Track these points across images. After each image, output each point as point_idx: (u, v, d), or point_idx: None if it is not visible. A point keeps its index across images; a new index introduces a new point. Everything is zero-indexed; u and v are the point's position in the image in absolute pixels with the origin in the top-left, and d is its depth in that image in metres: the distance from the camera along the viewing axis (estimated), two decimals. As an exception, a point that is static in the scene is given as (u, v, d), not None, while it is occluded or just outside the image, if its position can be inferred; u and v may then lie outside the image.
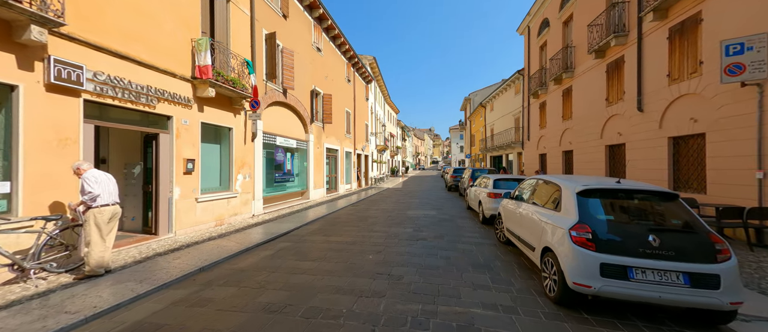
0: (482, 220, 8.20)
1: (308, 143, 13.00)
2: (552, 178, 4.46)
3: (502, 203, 6.21)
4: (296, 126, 12.20)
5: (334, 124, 15.94)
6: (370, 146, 25.33)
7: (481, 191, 8.72)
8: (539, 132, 16.81)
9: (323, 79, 14.67)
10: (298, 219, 8.65)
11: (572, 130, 13.07)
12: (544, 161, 16.60)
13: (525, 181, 5.59)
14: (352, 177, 19.44)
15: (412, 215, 9.59)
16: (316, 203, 12.22)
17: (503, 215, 5.97)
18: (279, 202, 11.05)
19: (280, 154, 10.88)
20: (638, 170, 8.99)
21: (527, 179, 5.53)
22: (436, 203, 12.71)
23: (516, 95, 21.04)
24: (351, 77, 19.37)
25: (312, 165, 13.21)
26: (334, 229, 7.56)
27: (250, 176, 8.76)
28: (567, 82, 13.45)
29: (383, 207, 11.53)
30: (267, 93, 9.70)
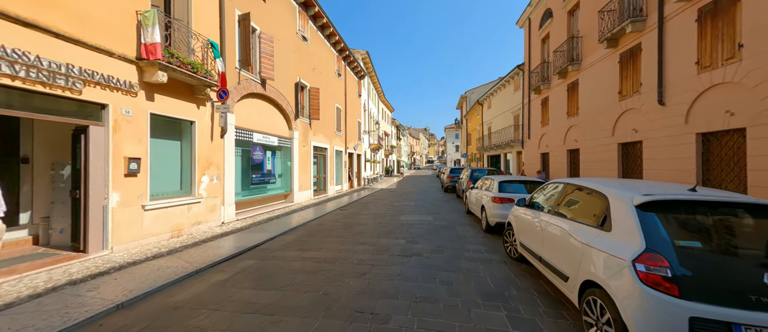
0: (486, 228, 7.15)
1: (292, 141, 11.83)
2: (590, 183, 3.39)
3: (513, 212, 5.14)
4: (278, 122, 11.02)
5: (322, 120, 14.78)
6: (363, 144, 24.21)
7: (484, 194, 7.66)
8: (541, 130, 15.86)
9: (310, 71, 13.50)
10: (275, 227, 7.51)
11: (578, 127, 12.11)
12: (546, 161, 15.65)
13: (544, 186, 4.53)
14: (343, 178, 18.31)
15: (406, 222, 8.50)
16: (300, 207, 11.07)
17: (515, 226, 4.91)
18: (257, 207, 9.87)
19: (259, 152, 9.70)
20: (658, 171, 8.02)
21: (548, 184, 4.45)
22: (432, 207, 11.65)
23: (515, 91, 20.10)
24: (342, 71, 18.21)
25: (297, 165, 12.05)
26: (314, 240, 6.43)
27: (218, 177, 7.58)
28: (573, 75, 12.49)
29: (374, 211, 10.43)
30: (240, 83, 8.52)
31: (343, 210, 10.79)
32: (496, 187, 7.11)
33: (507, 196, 6.74)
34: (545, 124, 15.38)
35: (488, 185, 7.94)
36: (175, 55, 5.79)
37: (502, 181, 7.21)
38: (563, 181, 3.98)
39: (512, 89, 20.78)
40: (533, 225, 4.15)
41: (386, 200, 13.74)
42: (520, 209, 4.84)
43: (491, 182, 7.74)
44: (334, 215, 9.80)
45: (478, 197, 8.25)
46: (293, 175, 11.84)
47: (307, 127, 13.17)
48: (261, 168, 9.91)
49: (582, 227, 3.06)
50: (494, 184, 7.34)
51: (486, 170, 13.19)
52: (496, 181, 7.37)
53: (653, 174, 8.24)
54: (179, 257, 5.03)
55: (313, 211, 10.24)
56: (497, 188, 7.06)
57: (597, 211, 2.98)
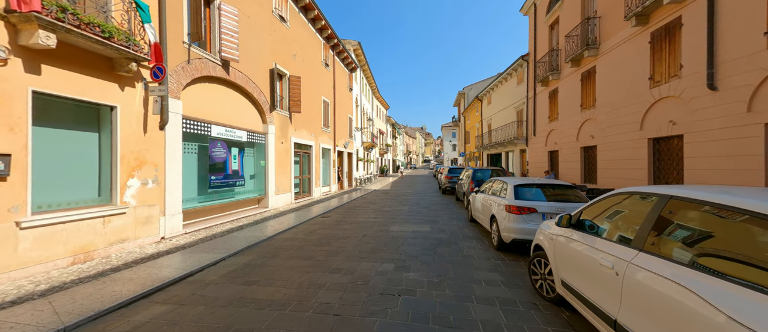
0: (498, 245, 5.58)
1: (267, 137, 10.17)
2: (729, 197, 1.80)
3: (546, 232, 3.57)
4: (248, 113, 9.37)
5: (306, 114, 13.14)
6: (355, 142, 22.58)
7: (494, 201, 6.10)
8: (548, 125, 14.37)
9: (290, 57, 11.84)
10: (231, 243, 5.88)
11: (595, 121, 10.61)
12: (554, 160, 14.17)
13: (602, 199, 2.93)
14: (330, 178, 16.68)
15: (398, 234, 6.91)
16: (276, 214, 9.44)
17: (551, 254, 3.34)
18: (217, 215, 8.21)
19: (220, 149, 8.04)
20: (708, 172, 6.52)
21: (608, 196, 2.85)
22: (429, 212, 10.08)
23: (518, 84, 18.60)
24: (329, 62, 16.56)
25: (272, 164, 10.40)
26: (271, 266, 4.81)
27: (156, 180, 5.92)
28: (589, 62, 10.98)
29: (361, 219, 8.82)
30: (191, 62, 6.85)
31: (324, 218, 9.17)
32: (511, 192, 5.53)
33: (527, 205, 5.16)
34: (554, 119, 13.88)
35: (498, 189, 6.37)
36: (68, 9, 4.11)
37: (518, 185, 5.63)
38: (659, 191, 2.35)
39: (515, 83, 19.28)
40: (590, 261, 2.58)
41: (377, 204, 12.14)
42: (558, 230, 3.27)
43: (502, 186, 6.17)
44: (312, 224, 8.18)
45: (485, 205, 6.68)
46: (268, 176, 10.18)
47: (286, 121, 11.51)
48: (224, 168, 8.25)
49: (733, 289, 1.49)
50: (508, 188, 5.76)
51: (490, 170, 11.67)
52: (510, 184, 5.79)
53: (699, 175, 6.74)
54: (53, 301, 3.39)
55: (289, 218, 8.61)
56: (513, 194, 5.47)
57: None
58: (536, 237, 3.87)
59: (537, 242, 3.78)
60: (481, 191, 7.66)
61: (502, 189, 6.06)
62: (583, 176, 11.64)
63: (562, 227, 3.18)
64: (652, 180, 8.20)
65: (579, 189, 5.55)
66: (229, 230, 7.02)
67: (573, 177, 12.15)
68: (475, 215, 7.88)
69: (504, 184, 6.15)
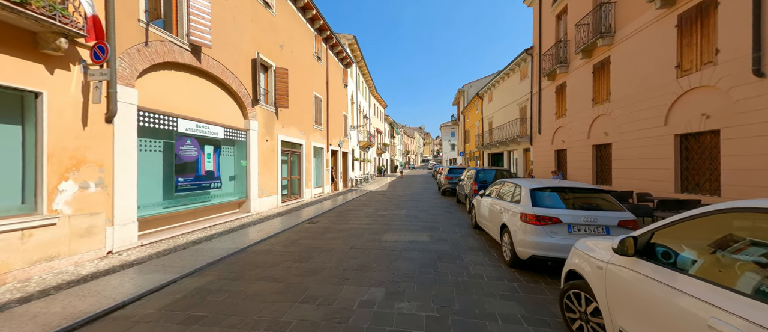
0: (511, 260, 4.63)
1: (249, 133, 9.19)
2: None
3: (593, 260, 2.56)
4: (225, 107, 8.39)
5: (295, 110, 12.16)
6: (351, 141, 21.62)
7: (504, 207, 5.14)
8: (555, 123, 13.45)
9: (276, 48, 10.86)
10: (193, 259, 4.91)
11: (610, 116, 9.69)
12: (561, 159, 13.25)
13: (700, 213, 1.94)
14: (323, 179, 15.70)
15: (392, 244, 5.95)
16: (258, 219, 8.46)
17: (603, 292, 2.36)
18: (186, 223, 7.22)
19: (190, 147, 7.06)
20: (750, 172, 5.60)
21: (710, 209, 1.87)
22: (428, 217, 9.12)
23: (522, 80, 17.68)
24: (322, 55, 15.58)
25: (255, 164, 9.42)
26: (226, 293, 3.84)
27: (101, 183, 4.94)
28: (602, 51, 10.06)
29: (352, 225, 7.86)
30: (150, 45, 5.86)
31: (311, 224, 8.20)
32: (528, 197, 4.56)
33: (548, 213, 4.20)
34: (561, 115, 12.96)
35: (509, 193, 5.41)
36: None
37: (535, 188, 4.66)
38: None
39: (518, 78, 18.36)
40: (691, 317, 1.61)
41: (372, 207, 11.18)
42: (614, 258, 2.29)
43: (515, 189, 5.21)
44: (296, 232, 7.21)
45: (493, 211, 5.72)
46: (250, 177, 9.20)
47: (272, 117, 10.54)
48: (195, 169, 7.27)
49: None
50: (522, 193, 4.80)
51: (494, 171, 10.72)
52: (524, 187, 4.82)
53: (740, 177, 5.82)
54: None
55: (272, 225, 7.64)
56: (529, 200, 4.51)
57: None
58: (570, 260, 2.92)
59: (572, 268, 2.82)
60: (487, 194, 6.71)
61: (515, 193, 5.10)
62: (595, 176, 10.72)
63: (625, 257, 2.18)
64: (680, 182, 7.28)
65: (608, 194, 4.61)
66: (197, 241, 6.04)
67: (583, 178, 11.23)
68: (480, 222, 6.93)
69: (516, 187, 5.20)
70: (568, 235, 4.03)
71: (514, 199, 5.00)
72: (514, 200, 4.98)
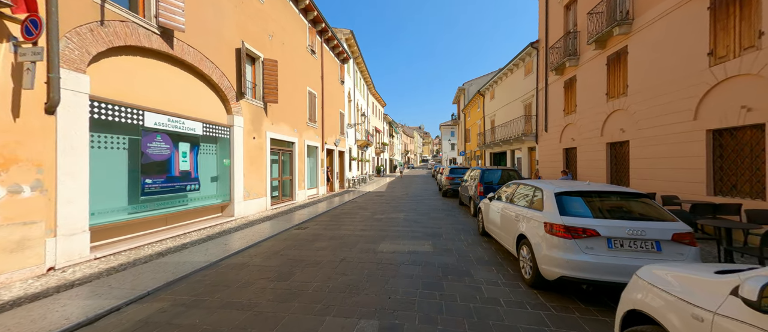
0: (533, 280, 3.81)
1: (232, 130, 8.37)
2: None
3: (690, 308, 1.73)
4: (205, 101, 7.57)
5: (286, 106, 11.34)
6: (348, 140, 20.80)
7: (523, 215, 4.34)
8: (564, 120, 12.66)
9: (265, 38, 10.04)
10: (149, 276, 4.10)
11: (627, 111, 8.90)
12: (570, 158, 12.46)
13: None
14: (318, 180, 14.88)
15: (388, 257, 5.14)
16: (241, 225, 7.65)
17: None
18: (156, 230, 6.39)
19: (161, 144, 6.24)
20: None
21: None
22: (430, 222, 8.31)
23: (526, 76, 16.89)
24: (317, 49, 14.76)
25: (240, 164, 8.60)
26: (175, 328, 3.02)
27: (39, 186, 4.12)
28: (618, 41, 9.26)
29: (345, 231, 7.05)
30: (107, 24, 5.03)
31: (300, 230, 7.39)
32: (553, 203, 3.74)
33: (582, 224, 3.39)
34: (570, 111, 12.17)
35: (526, 197, 4.61)
36: None
37: (562, 192, 3.84)
38: None
39: (522, 74, 17.56)
40: None
41: (369, 210, 10.37)
42: (741, 311, 1.46)
43: (533, 194, 4.40)
44: (281, 240, 6.40)
45: (507, 217, 4.91)
46: (234, 178, 8.37)
47: (260, 112, 9.71)
48: (167, 168, 6.45)
49: None
50: (545, 197, 3.98)
51: (500, 171, 9.91)
52: (546, 190, 4.01)
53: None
54: None
55: (256, 231, 6.83)
56: (555, 206, 3.69)
57: None
58: (631, 295, 2.09)
59: (637, 308, 2.01)
60: (496, 198, 5.91)
61: (534, 198, 4.30)
62: (610, 176, 9.93)
63: (761, 313, 1.35)
64: (713, 183, 6.49)
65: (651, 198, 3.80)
66: (164, 252, 5.22)
67: (596, 178, 10.44)
68: (488, 228, 6.13)
69: (535, 190, 4.39)
70: (608, 252, 3.23)
71: (534, 204, 4.19)
72: (534, 205, 4.17)
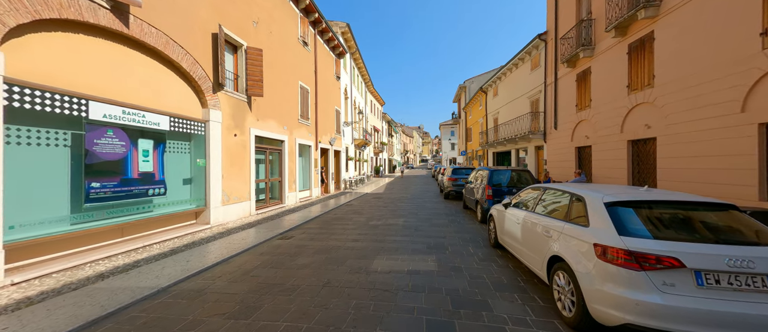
0: (576, 321, 2.82)
1: (208, 126, 7.37)
2: None
3: None
4: (173, 91, 6.57)
5: (274, 100, 10.34)
6: (344, 139, 19.80)
7: (555, 228, 3.34)
8: (576, 116, 11.68)
9: (248, 24, 9.04)
10: (75, 309, 3.11)
11: (653, 105, 7.93)
12: (584, 158, 11.49)
13: None
14: (311, 181, 13.87)
15: (383, 280, 4.15)
16: (216, 234, 6.66)
17: None
18: (109, 243, 5.37)
19: (114, 140, 5.24)
20: None
21: None
22: (432, 229, 7.32)
23: (533, 70, 15.91)
24: (310, 41, 13.77)
25: (217, 164, 7.60)
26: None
27: None
28: (642, 26, 8.29)
29: (334, 242, 6.06)
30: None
31: (283, 240, 6.39)
32: (605, 217, 2.74)
33: (658, 251, 2.40)
34: (584, 107, 11.19)
35: (557, 205, 3.62)
36: None
37: (615, 201, 2.84)
38: None
39: (528, 69, 16.59)
40: None
41: (365, 215, 9.38)
42: None
43: (571, 203, 3.41)
44: (256, 254, 5.40)
45: (531, 230, 3.91)
46: (209, 180, 7.37)
47: (242, 107, 8.71)
48: (123, 169, 5.44)
49: None
50: (590, 207, 2.99)
51: (509, 172, 8.91)
52: (594, 199, 3.02)
53: None
54: None
55: (231, 242, 5.83)
56: (609, 222, 2.69)
57: None
58: None
59: None
60: (514, 204, 4.93)
61: (573, 208, 3.30)
62: (631, 178, 8.96)
63: None
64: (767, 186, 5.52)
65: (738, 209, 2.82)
66: (105, 274, 4.22)
67: (614, 180, 9.47)
68: (503, 240, 5.14)
69: (572, 197, 3.40)
70: (697, 290, 2.24)
71: (573, 217, 3.20)
72: (573, 218, 3.18)
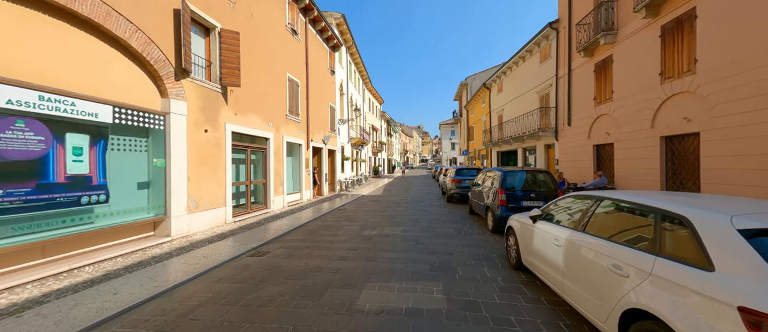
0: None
1: (168, 119, 6.17)
2: None
3: None
4: (120, 75, 5.37)
5: (255, 92, 9.14)
6: (340, 137, 18.60)
7: (640, 266, 2.17)
8: (594, 110, 10.50)
9: (224, 3, 7.85)
10: None
11: (695, 95, 6.75)
12: (604, 157, 10.31)
13: None
14: (301, 183, 12.67)
15: (371, 323, 2.96)
16: (174, 250, 5.47)
17: None
18: (22, 267, 4.17)
19: (27, 135, 4.05)
20: None
21: None
22: (436, 242, 6.12)
23: (542, 62, 14.72)
24: (300, 29, 12.57)
25: (181, 164, 6.41)
26: None
27: None
28: (681, 2, 7.10)
29: (315, 262, 4.86)
30: None
31: (252, 258, 5.20)
32: (754, 261, 1.58)
33: None
34: (604, 100, 10.01)
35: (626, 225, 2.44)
36: None
37: (762, 230, 1.68)
38: None
39: (537, 61, 15.40)
40: None
41: (358, 222, 8.19)
42: None
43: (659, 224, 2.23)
44: (211, 281, 4.20)
45: (585, 263, 2.71)
46: (170, 183, 6.17)
47: (216, 99, 7.51)
48: (42, 172, 4.25)
49: None
50: (720, 238, 1.81)
51: (524, 172, 7.70)
52: (717, 223, 1.85)
53: None
54: None
55: (185, 263, 4.64)
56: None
57: None
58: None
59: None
60: (545, 217, 3.75)
61: (664, 234, 2.11)
62: (666, 181, 7.77)
63: None
64: None
65: None
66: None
67: (645, 182, 8.29)
68: (529, 262, 3.96)
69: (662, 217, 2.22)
70: None
71: (670, 249, 2.01)
72: (671, 251, 1.99)
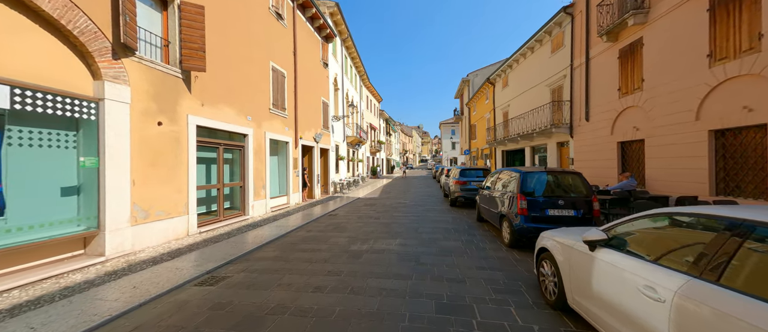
0: None
1: (102, 106, 4.87)
2: None
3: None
4: (26, 46, 4.08)
5: (228, 80, 7.85)
6: (334, 136, 17.32)
7: None
8: (619, 102, 9.23)
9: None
10: None
11: (759, 78, 5.49)
12: (630, 155, 9.04)
13: None
14: (288, 185, 11.38)
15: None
16: (107, 275, 4.19)
17: None
18: None
19: None
20: None
21: None
22: (442, 262, 4.84)
23: (555, 52, 13.45)
24: (286, 13, 11.28)
25: (124, 163, 5.11)
26: None
27: None
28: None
29: (279, 295, 3.58)
30: None
31: (198, 288, 3.91)
32: None
33: None
34: (631, 90, 8.74)
35: None
36: None
37: None
38: None
39: (548, 52, 14.13)
40: None
41: (346, 234, 6.91)
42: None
43: None
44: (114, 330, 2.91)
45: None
46: (103, 189, 4.87)
47: (174, 85, 6.22)
48: None
49: None
50: None
51: (544, 174, 6.38)
52: None
53: None
54: None
55: (106, 295, 3.37)
56: None
57: None
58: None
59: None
60: (615, 244, 2.47)
61: None
62: (715, 184, 6.50)
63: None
64: None
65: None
66: None
67: (686, 184, 7.01)
68: (582, 305, 2.69)
69: None
70: None
71: None
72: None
